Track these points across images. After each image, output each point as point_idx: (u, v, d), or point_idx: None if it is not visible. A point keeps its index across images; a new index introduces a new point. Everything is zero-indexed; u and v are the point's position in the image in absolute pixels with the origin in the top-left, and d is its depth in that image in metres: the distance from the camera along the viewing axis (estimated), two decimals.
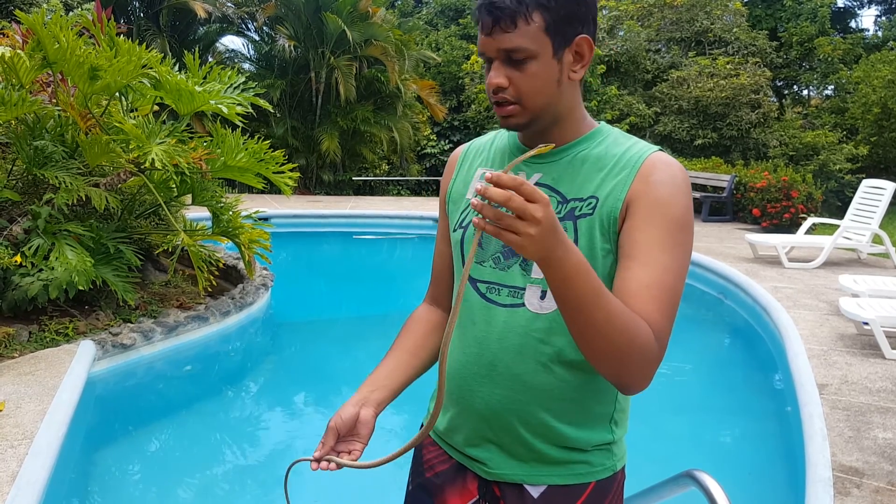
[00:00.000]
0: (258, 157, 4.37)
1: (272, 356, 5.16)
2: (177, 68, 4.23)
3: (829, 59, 16.07)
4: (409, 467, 1.31)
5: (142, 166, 4.01)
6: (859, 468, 2.74)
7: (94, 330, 4.10)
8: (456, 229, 1.20)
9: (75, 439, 3.01)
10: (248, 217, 4.64)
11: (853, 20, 21.40)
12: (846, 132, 14.80)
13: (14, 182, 4.27)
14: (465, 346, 1.15)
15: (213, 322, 4.68)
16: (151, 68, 3.96)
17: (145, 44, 3.99)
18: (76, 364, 3.51)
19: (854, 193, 8.05)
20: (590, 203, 1.06)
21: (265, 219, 4.94)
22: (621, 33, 16.26)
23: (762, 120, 14.37)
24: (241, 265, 5.77)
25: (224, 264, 5.64)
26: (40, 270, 3.76)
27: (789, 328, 4.66)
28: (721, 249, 8.06)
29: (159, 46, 12.12)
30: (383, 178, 14.81)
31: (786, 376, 4.06)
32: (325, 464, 1.05)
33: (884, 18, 20.26)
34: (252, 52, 15.25)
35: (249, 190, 9.90)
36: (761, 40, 15.95)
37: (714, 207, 11.61)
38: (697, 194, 11.28)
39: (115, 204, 4.16)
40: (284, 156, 4.61)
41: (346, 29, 12.54)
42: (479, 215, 0.82)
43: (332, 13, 12.70)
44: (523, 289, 1.09)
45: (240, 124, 4.44)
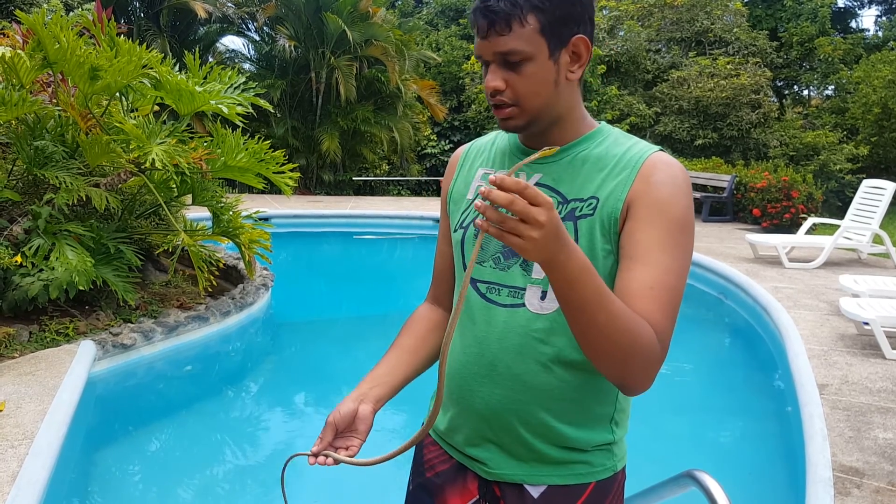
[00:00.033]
0: (258, 157, 4.37)
1: (272, 356, 5.16)
2: (177, 68, 4.23)
3: (830, 59, 16.07)
4: (409, 467, 1.31)
5: (142, 166, 4.01)
6: (860, 468, 2.74)
7: (95, 330, 4.10)
8: (456, 230, 1.20)
9: (76, 439, 3.01)
10: (248, 217, 4.64)
11: (853, 20, 21.42)
12: (846, 132, 14.80)
13: (14, 182, 4.27)
14: (466, 346, 1.15)
15: (214, 322, 4.68)
16: (152, 68, 3.96)
17: (146, 44, 3.99)
18: (76, 364, 3.51)
19: (854, 193, 8.05)
20: (590, 203, 1.06)
21: (265, 219, 4.94)
22: (621, 33, 16.26)
23: (762, 120, 14.37)
24: (241, 265, 5.78)
25: (224, 264, 5.64)
26: (41, 270, 3.76)
27: (790, 328, 4.66)
28: (721, 249, 8.06)
29: (160, 46, 12.13)
30: (383, 178, 14.81)
31: (786, 376, 4.05)
32: (322, 458, 1.05)
33: (884, 18, 20.25)
34: (252, 52, 15.28)
35: (250, 190, 9.89)
36: (762, 40, 15.95)
37: (714, 207, 11.61)
38: (698, 194, 11.28)
39: (116, 204, 4.16)
40: (285, 156, 4.61)
41: (346, 29, 12.54)
42: (482, 217, 0.82)
43: (333, 13, 12.71)
44: (523, 289, 1.09)
45: (240, 124, 4.44)
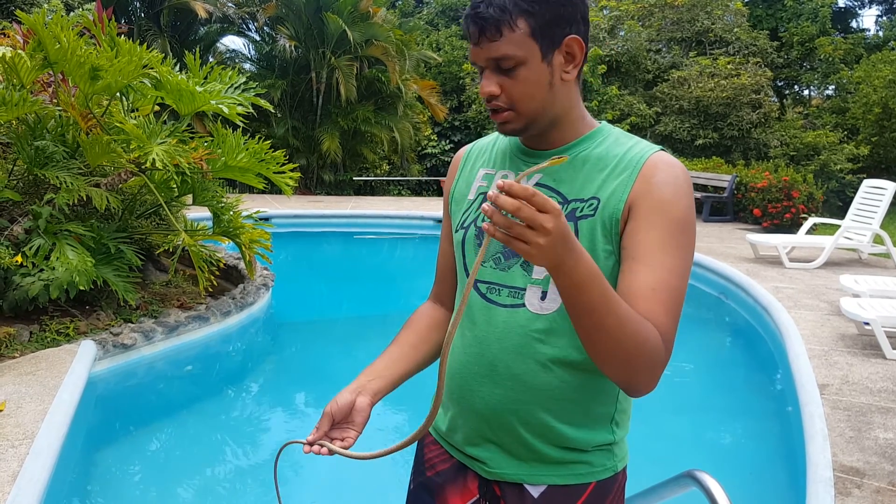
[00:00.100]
0: (259, 157, 4.38)
1: (273, 356, 5.16)
2: (177, 68, 4.23)
3: (830, 59, 16.07)
4: (407, 466, 1.32)
5: (143, 166, 4.01)
6: (860, 468, 2.74)
7: (95, 330, 4.10)
8: (457, 230, 1.20)
9: (76, 439, 3.01)
10: (248, 217, 4.64)
11: (854, 20, 21.42)
12: (847, 132, 14.79)
13: (15, 182, 4.27)
14: (466, 346, 1.15)
15: (214, 322, 4.68)
16: (152, 68, 3.96)
17: (146, 44, 4.00)
18: (77, 364, 3.51)
19: (855, 193, 8.05)
20: (591, 204, 1.06)
21: (266, 219, 4.94)
22: (622, 33, 16.26)
23: (763, 120, 14.37)
24: (241, 265, 5.78)
25: (225, 264, 5.65)
26: (41, 270, 3.76)
27: (790, 328, 4.66)
28: (722, 249, 8.06)
29: (160, 46, 12.13)
30: (384, 178, 14.81)
31: (786, 376, 4.05)
32: (317, 448, 1.06)
33: (885, 18, 20.23)
34: (253, 52, 15.28)
35: (250, 190, 9.90)
36: (762, 40, 15.95)
37: (715, 207, 11.61)
38: (698, 194, 11.28)
39: (116, 204, 4.16)
40: (285, 156, 4.61)
41: (346, 29, 12.54)
42: (489, 221, 0.82)
43: (333, 13, 12.71)
44: (524, 289, 1.09)
45: (240, 124, 4.44)
